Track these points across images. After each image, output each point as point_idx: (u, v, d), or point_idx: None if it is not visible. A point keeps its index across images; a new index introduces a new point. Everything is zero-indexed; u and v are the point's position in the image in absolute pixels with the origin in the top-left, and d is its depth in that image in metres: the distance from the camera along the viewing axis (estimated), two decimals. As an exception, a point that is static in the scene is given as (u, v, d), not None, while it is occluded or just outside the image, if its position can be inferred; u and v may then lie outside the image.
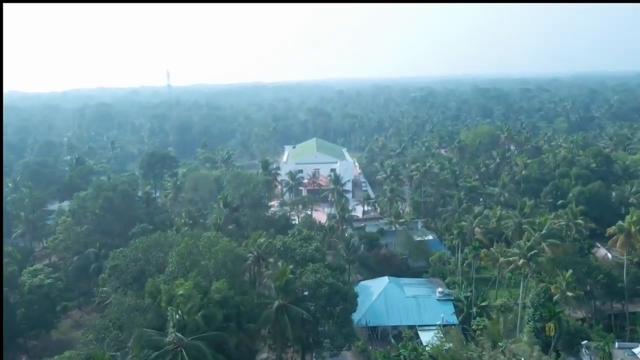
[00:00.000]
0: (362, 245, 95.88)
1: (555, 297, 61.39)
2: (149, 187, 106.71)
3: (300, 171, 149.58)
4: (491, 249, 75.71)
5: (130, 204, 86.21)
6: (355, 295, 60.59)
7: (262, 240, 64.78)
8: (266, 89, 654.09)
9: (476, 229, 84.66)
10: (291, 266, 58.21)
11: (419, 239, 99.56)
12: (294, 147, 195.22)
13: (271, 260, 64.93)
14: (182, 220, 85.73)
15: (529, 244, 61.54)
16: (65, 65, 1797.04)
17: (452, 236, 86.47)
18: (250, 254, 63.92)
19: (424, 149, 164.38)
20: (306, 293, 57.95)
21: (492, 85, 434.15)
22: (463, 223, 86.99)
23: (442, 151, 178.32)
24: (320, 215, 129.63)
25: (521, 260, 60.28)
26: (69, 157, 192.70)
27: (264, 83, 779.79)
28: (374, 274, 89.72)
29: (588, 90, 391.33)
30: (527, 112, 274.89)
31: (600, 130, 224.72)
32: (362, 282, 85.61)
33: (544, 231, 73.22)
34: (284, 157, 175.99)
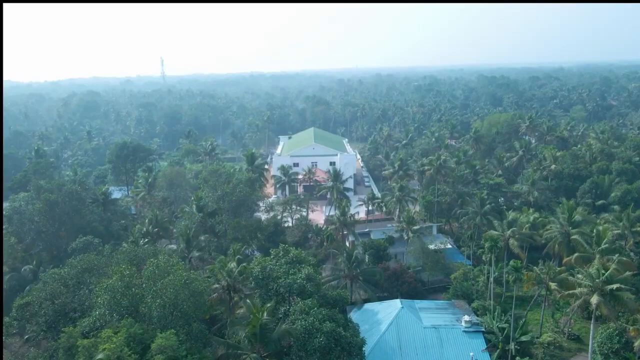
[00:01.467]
0: (367, 256, 79.43)
1: (636, 344, 44.62)
2: (107, 186, 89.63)
3: (296, 165, 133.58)
4: (535, 268, 58.77)
5: (79, 208, 69.41)
6: (362, 343, 43.94)
7: (232, 265, 47.81)
8: (264, 78, 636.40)
9: (511, 240, 67.69)
10: (269, 304, 41.42)
11: (434, 247, 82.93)
12: (289, 138, 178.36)
13: (249, 285, 48.41)
14: (145, 229, 68.88)
15: (605, 273, 44.32)
16: (62, 55, 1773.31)
17: (481, 250, 69.54)
18: (217, 285, 47.06)
19: (433, 139, 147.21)
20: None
21: (496, 75, 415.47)
22: (493, 232, 70.12)
23: (452, 142, 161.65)
24: (318, 216, 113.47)
25: (595, 297, 43.36)
26: (46, 148, 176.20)
27: (262, 73, 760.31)
28: (382, 291, 73.49)
29: (600, 78, 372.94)
30: (541, 101, 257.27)
31: (622, 119, 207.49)
32: (368, 306, 68.89)
33: (603, 245, 56.45)
34: (278, 149, 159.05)
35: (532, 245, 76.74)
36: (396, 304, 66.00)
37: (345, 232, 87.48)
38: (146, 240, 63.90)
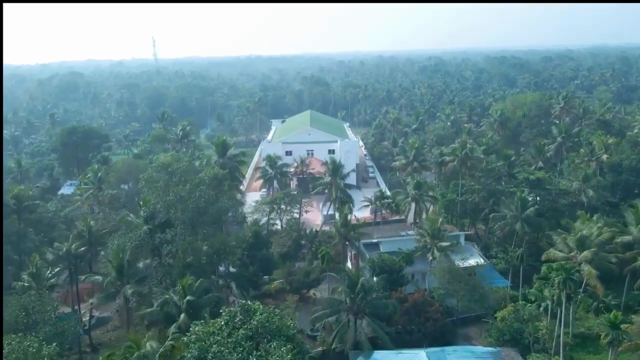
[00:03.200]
0: (375, 278, 59.60)
1: None
2: (21, 188, 68.81)
3: (289, 153, 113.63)
4: (635, 317, 38.67)
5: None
6: None
7: (150, 345, 27.61)
8: (261, 60, 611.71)
9: (585, 267, 47.46)
10: None
11: (464, 264, 62.89)
12: (283, 122, 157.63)
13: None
14: (64, 248, 48.68)
15: None
16: (58, 39, 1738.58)
17: (542, 280, 49.47)
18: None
19: (449, 123, 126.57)
20: None
21: (505, 56, 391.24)
22: (556, 253, 49.89)
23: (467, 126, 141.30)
24: (315, 215, 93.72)
25: None
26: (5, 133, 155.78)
27: (260, 55, 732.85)
28: (396, 327, 53.86)
29: (616, 58, 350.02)
30: (560, 81, 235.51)
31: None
32: (379, 355, 49.13)
33: None
34: (269, 135, 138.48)
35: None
36: (421, 358, 46.28)
37: (346, 243, 67.38)
38: (56, 269, 43.76)
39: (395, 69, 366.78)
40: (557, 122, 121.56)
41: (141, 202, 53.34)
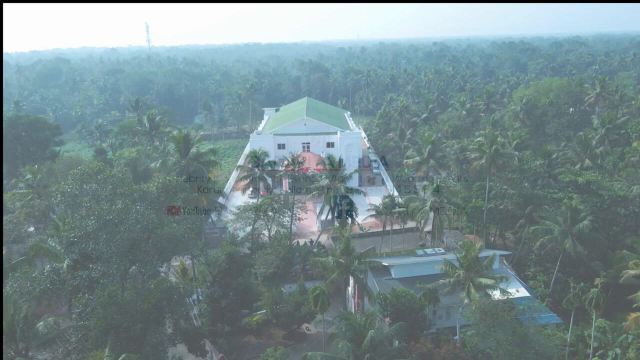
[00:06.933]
0: (387, 319, 44.38)
1: None
2: None
3: (281, 146, 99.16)
4: None
5: None
6: None
7: None
8: (260, 47, 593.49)
9: None
10: None
11: (502, 295, 47.38)
12: (277, 111, 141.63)
13: None
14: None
15: None
16: (54, 26, 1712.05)
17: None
18: None
19: (464, 112, 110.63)
20: None
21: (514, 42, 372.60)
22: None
23: (482, 115, 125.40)
24: (310, 222, 79.08)
25: None
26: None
27: (259, 43, 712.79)
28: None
29: (631, 43, 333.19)
30: (577, 67, 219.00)
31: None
32: None
33: None
34: (261, 126, 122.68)
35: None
36: None
37: (350, 272, 51.94)
38: None
39: (399, 55, 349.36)
40: (590, 110, 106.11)
41: (60, 223, 37.92)
